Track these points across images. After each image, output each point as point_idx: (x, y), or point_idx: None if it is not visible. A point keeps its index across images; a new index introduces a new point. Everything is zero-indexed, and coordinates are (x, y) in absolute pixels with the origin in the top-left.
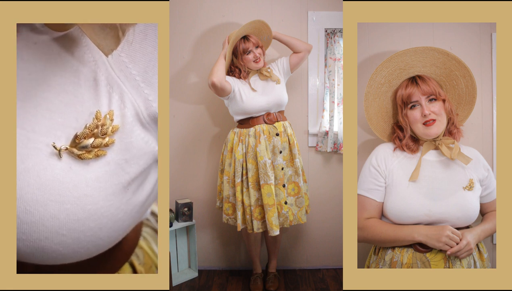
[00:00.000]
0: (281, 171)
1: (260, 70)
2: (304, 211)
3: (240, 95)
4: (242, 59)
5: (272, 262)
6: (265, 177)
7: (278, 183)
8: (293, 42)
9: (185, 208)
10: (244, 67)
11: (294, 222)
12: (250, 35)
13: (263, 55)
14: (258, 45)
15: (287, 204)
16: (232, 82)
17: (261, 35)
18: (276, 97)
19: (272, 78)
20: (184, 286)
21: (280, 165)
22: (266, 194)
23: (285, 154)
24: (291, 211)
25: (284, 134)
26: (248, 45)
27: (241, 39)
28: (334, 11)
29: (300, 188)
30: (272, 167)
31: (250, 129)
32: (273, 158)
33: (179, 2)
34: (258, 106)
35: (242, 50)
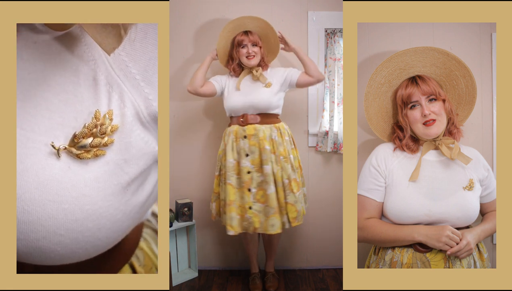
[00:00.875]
0: (247, 174)
1: (251, 69)
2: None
3: (226, 92)
4: (236, 51)
5: (269, 262)
6: (228, 176)
7: (243, 186)
8: (309, 64)
9: (185, 208)
10: (237, 59)
11: (260, 230)
12: (252, 32)
13: (260, 56)
14: (256, 44)
15: (251, 209)
16: (221, 81)
17: (268, 38)
18: (255, 100)
19: (260, 80)
20: (184, 286)
21: (246, 167)
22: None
23: (254, 158)
24: (257, 218)
25: (254, 138)
26: (244, 38)
27: (243, 32)
28: (334, 11)
29: (268, 196)
30: (235, 169)
31: (228, 128)
32: (239, 160)
33: (179, 2)
34: (234, 105)
35: (237, 42)
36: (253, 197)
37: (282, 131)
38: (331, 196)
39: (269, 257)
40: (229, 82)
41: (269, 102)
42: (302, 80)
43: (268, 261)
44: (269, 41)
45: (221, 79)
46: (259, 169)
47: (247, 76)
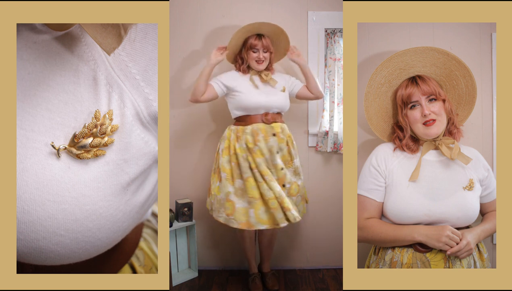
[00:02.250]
0: (281, 171)
1: (260, 73)
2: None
3: (240, 90)
4: (246, 53)
5: (266, 263)
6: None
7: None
8: (311, 80)
9: (185, 208)
10: (246, 61)
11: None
12: (266, 36)
13: (268, 61)
14: (268, 50)
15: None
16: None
17: (279, 42)
18: (278, 101)
19: (271, 83)
20: (184, 286)
21: (279, 165)
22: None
23: (283, 154)
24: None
25: (282, 135)
26: (257, 43)
27: (256, 35)
28: (334, 11)
29: (299, 186)
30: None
31: (247, 127)
32: (270, 158)
33: (179, 2)
34: (257, 103)
35: (249, 45)
36: (288, 192)
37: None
38: (331, 196)
39: (266, 258)
40: (241, 81)
41: (287, 104)
42: (302, 93)
43: (265, 262)
44: (279, 46)
45: (224, 79)
46: (287, 164)
47: (254, 76)
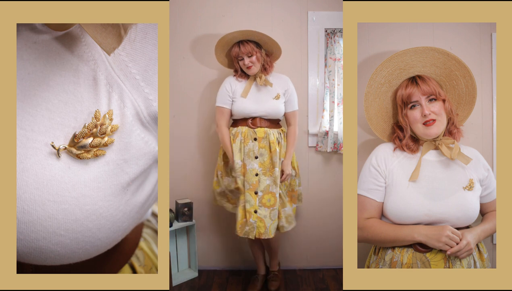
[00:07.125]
0: (255, 176)
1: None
2: (276, 224)
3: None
4: (236, 63)
5: (272, 261)
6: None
7: (250, 189)
8: (288, 153)
9: (185, 208)
10: (238, 69)
11: (265, 236)
12: (245, 42)
13: (258, 63)
14: (252, 54)
15: (256, 213)
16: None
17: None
18: (267, 110)
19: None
20: (184, 286)
21: (254, 170)
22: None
23: (263, 161)
24: (263, 223)
25: (264, 140)
26: (238, 51)
27: (237, 43)
28: (334, 11)
29: (276, 199)
30: (241, 170)
31: (234, 129)
32: (247, 162)
33: (179, 2)
34: (242, 110)
35: (233, 55)
36: (259, 201)
37: (283, 135)
38: (331, 196)
39: (271, 257)
40: (237, 87)
41: (279, 113)
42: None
43: (271, 260)
44: (266, 44)
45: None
46: (266, 172)
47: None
